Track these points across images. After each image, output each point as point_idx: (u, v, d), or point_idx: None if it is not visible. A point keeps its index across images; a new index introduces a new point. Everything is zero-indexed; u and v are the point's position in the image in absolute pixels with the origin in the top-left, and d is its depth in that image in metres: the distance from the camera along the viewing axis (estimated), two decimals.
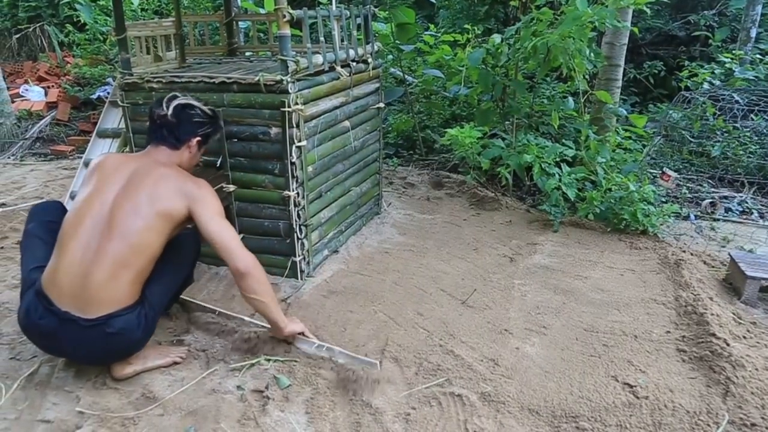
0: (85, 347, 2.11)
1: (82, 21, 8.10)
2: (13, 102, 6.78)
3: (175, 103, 2.35)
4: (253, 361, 2.35)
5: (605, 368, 2.31)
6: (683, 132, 5.04)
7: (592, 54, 3.83)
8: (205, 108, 2.44)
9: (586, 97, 3.97)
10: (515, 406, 2.11)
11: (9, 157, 6.06)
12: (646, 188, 3.64)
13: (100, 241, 2.10)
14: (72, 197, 4.14)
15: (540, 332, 2.58)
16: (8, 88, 6.73)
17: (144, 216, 2.14)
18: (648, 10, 4.24)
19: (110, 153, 2.25)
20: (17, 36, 9.13)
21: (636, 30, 4.40)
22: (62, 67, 8.44)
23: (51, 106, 7.16)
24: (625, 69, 4.60)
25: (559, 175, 3.76)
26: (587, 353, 2.42)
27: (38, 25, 9.03)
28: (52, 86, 7.72)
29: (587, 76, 4.00)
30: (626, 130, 4.44)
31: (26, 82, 7.91)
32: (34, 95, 7.40)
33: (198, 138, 2.39)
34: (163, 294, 2.29)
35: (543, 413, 2.08)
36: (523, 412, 2.08)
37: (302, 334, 2.45)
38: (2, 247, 3.45)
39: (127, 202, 2.15)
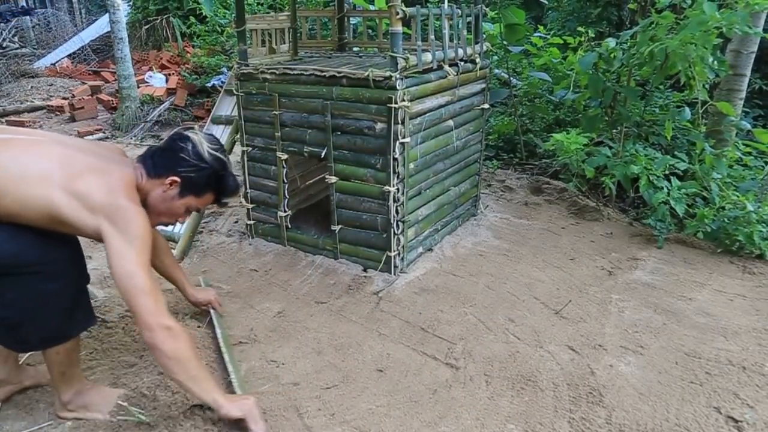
0: None
1: (204, 13, 8.65)
2: (138, 87, 7.34)
3: (178, 132, 2.00)
4: None
5: (707, 398, 2.17)
6: None
7: (715, 62, 3.58)
8: (205, 150, 1.92)
9: (704, 108, 3.73)
10: (604, 425, 2.04)
11: (131, 138, 6.57)
12: (766, 209, 3.38)
13: None
14: None
15: (636, 351, 2.46)
16: (135, 74, 7.29)
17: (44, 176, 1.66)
18: None
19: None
20: (146, 27, 9.90)
21: None
22: (182, 56, 9.04)
23: (170, 92, 7.70)
24: (750, 79, 4.26)
25: (668, 189, 3.56)
26: (687, 379, 2.28)
27: (165, 17, 9.73)
28: (173, 74, 8.29)
29: (707, 86, 3.75)
30: (747, 145, 4.13)
31: (150, 69, 8.55)
32: (157, 81, 7.99)
33: (175, 177, 1.89)
34: None
35: None
36: None
37: (241, 421, 1.82)
38: None
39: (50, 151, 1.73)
